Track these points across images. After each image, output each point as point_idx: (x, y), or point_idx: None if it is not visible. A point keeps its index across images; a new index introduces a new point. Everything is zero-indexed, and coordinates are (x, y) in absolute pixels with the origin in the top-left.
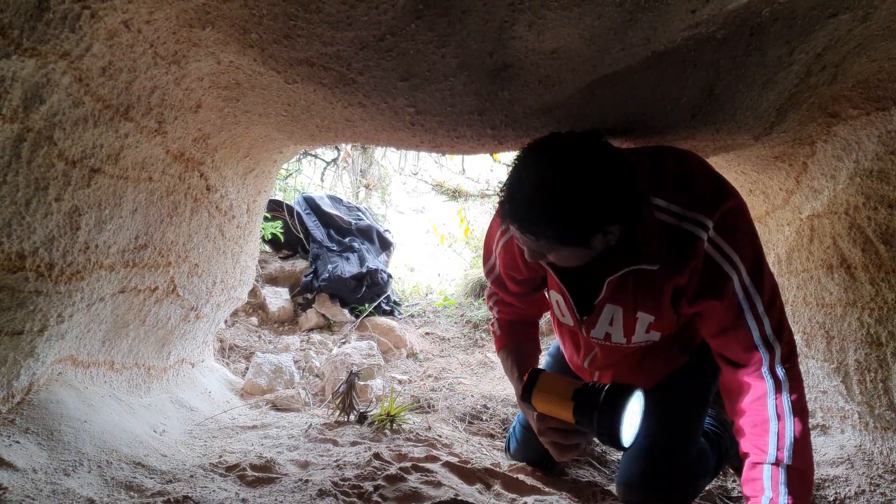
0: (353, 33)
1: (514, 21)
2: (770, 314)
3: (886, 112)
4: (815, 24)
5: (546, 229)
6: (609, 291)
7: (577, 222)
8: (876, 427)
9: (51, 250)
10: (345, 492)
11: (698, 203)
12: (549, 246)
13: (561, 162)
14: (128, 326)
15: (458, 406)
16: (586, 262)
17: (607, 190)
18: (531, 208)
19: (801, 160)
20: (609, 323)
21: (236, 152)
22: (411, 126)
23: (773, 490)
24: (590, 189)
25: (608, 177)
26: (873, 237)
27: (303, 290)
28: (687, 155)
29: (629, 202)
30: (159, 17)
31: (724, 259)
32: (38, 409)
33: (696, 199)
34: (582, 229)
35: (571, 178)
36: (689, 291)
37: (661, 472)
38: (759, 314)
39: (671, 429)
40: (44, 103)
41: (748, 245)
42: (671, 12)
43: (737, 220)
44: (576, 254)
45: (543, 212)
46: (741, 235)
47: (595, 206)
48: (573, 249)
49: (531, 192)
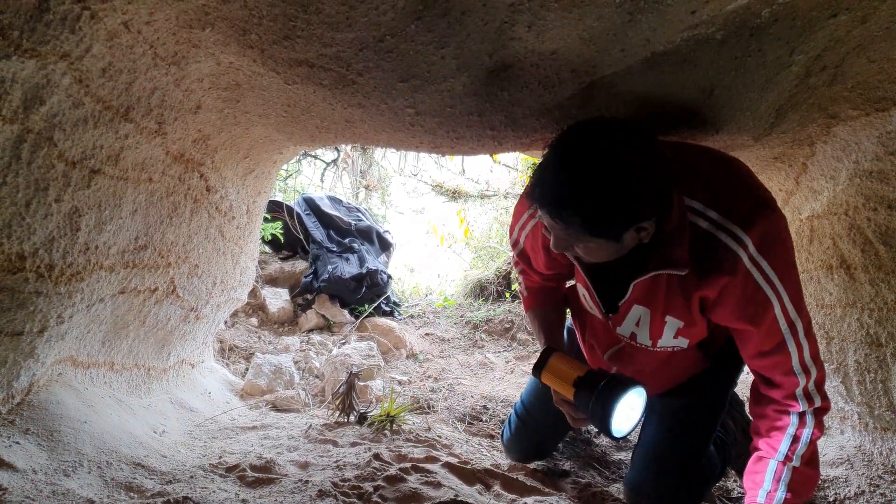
0: (352, 34)
1: (514, 22)
2: (808, 339)
3: (886, 113)
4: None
5: (576, 216)
6: (636, 293)
7: (611, 213)
8: (876, 428)
9: (51, 251)
10: (345, 492)
11: (736, 214)
12: (578, 236)
13: (601, 147)
14: (128, 327)
15: (457, 407)
16: (615, 258)
17: (646, 184)
18: (563, 193)
19: (801, 161)
20: (636, 323)
21: (236, 153)
22: (411, 127)
23: (773, 485)
24: (629, 179)
25: (649, 170)
26: (873, 238)
27: (302, 290)
28: (727, 159)
29: (662, 199)
30: (159, 18)
31: (767, 283)
32: (38, 409)
33: (734, 208)
34: (615, 221)
35: (611, 164)
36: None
37: (672, 478)
38: (800, 340)
39: (685, 434)
40: (44, 104)
41: (791, 267)
42: (671, 13)
43: (779, 239)
44: (606, 247)
45: (576, 197)
46: (784, 257)
47: (632, 199)
48: (603, 242)
49: (565, 176)
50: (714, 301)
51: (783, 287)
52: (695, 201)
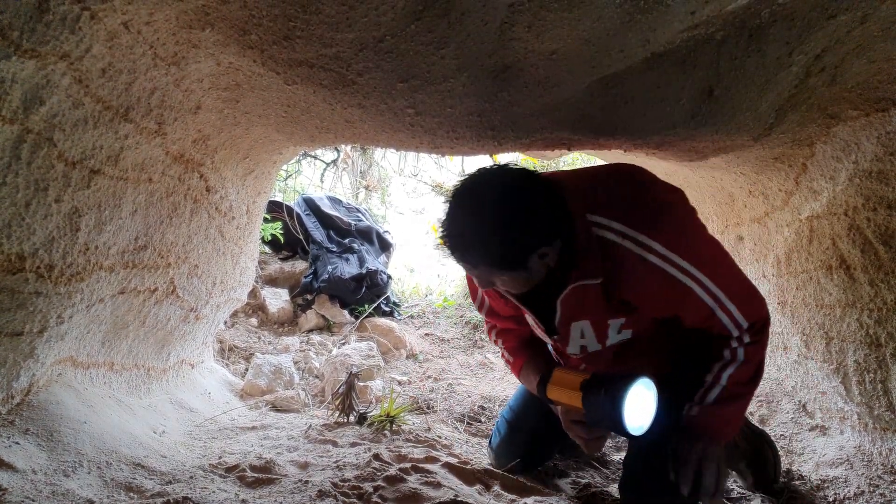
0: (352, 34)
1: (514, 22)
2: (735, 300)
3: (885, 113)
4: (814, 25)
5: (477, 257)
6: (566, 310)
7: (507, 247)
8: (875, 428)
9: (50, 251)
10: (344, 493)
11: (640, 221)
12: (489, 272)
13: (490, 192)
14: (127, 327)
15: (457, 407)
16: (535, 285)
17: (534, 215)
18: (463, 241)
19: (801, 161)
20: (581, 337)
21: (236, 153)
22: (411, 127)
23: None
24: (517, 215)
25: (529, 204)
26: (873, 238)
27: (302, 291)
28: (627, 172)
29: (555, 224)
30: (159, 18)
31: (682, 273)
32: (38, 410)
33: (637, 217)
34: (512, 254)
35: (500, 204)
36: (648, 306)
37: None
38: (727, 306)
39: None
40: (43, 104)
41: (703, 252)
42: (670, 14)
43: (685, 233)
44: (517, 278)
45: (472, 242)
46: (694, 246)
47: (523, 231)
48: (513, 274)
49: (462, 223)
50: (635, 302)
51: (700, 272)
52: (599, 216)
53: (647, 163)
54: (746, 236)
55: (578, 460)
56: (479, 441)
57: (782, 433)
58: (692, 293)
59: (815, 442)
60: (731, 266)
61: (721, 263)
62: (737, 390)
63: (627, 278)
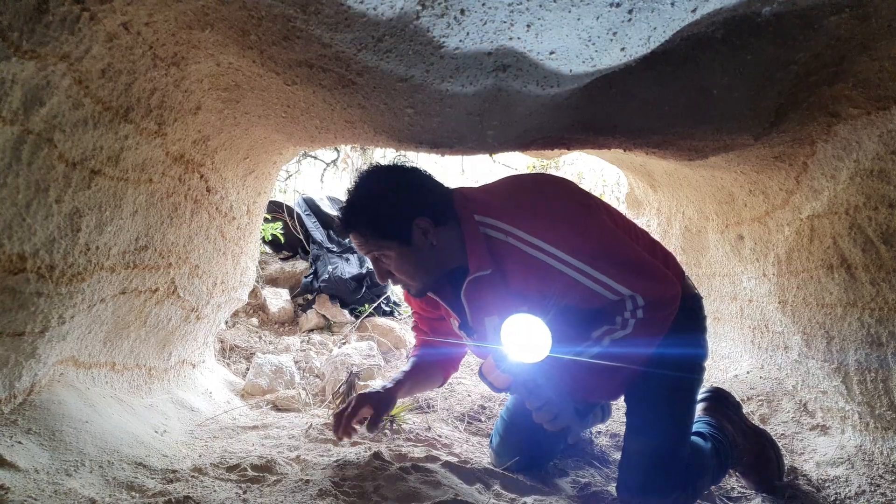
0: (351, 34)
1: (513, 22)
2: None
3: (887, 111)
4: (815, 23)
5: (364, 226)
6: (472, 305)
7: (385, 213)
8: (876, 427)
9: (51, 252)
10: (345, 492)
11: (515, 217)
12: (376, 245)
13: (370, 176)
14: (129, 328)
15: (457, 406)
16: (424, 265)
17: (408, 188)
18: (350, 212)
19: (801, 160)
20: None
21: (236, 154)
22: (411, 127)
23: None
24: (391, 188)
25: (404, 182)
26: (874, 237)
27: (303, 290)
28: (527, 181)
29: (426, 197)
30: (158, 19)
31: (542, 252)
32: (40, 409)
33: (513, 214)
34: (391, 219)
35: (375, 182)
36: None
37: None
38: (599, 279)
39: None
40: (44, 105)
41: (565, 233)
42: (670, 12)
43: (550, 219)
44: (405, 253)
45: (359, 211)
46: (554, 230)
47: (398, 201)
48: (396, 245)
49: (348, 201)
50: (518, 286)
51: (559, 250)
52: (489, 218)
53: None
54: (747, 235)
55: (579, 459)
56: (479, 440)
57: (783, 432)
58: (552, 269)
59: (816, 441)
60: (619, 247)
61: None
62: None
63: (512, 268)
